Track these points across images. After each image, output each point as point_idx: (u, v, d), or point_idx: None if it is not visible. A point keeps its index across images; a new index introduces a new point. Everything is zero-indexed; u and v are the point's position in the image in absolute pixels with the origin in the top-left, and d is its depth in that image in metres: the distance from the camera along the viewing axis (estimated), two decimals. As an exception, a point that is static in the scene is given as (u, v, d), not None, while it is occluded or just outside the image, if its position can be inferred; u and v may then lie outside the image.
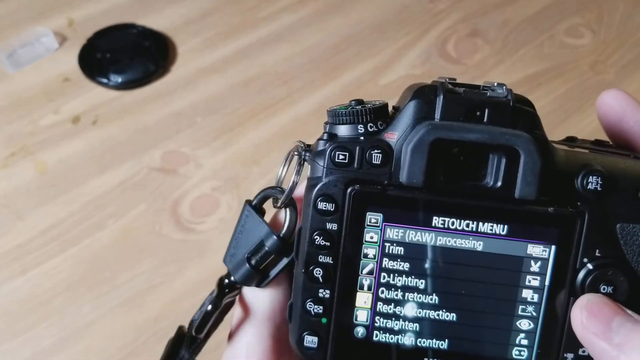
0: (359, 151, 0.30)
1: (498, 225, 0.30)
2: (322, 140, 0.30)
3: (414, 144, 0.29)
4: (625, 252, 0.30)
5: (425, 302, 0.31)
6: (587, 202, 0.30)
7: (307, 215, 0.30)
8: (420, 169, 0.29)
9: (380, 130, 0.30)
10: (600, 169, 0.30)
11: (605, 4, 0.91)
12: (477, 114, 0.29)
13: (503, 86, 0.30)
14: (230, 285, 0.33)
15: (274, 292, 0.33)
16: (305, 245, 0.30)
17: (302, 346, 0.31)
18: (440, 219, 0.30)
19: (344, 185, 0.30)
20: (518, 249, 0.30)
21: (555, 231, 0.30)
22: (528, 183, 0.29)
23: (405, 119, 0.30)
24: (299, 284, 0.31)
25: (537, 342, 0.31)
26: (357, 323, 0.31)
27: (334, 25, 0.87)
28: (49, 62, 0.82)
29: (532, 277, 0.30)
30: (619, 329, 0.27)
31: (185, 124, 0.76)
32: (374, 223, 0.30)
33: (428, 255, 0.30)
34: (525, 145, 0.29)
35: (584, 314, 0.29)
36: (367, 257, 0.30)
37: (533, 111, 0.30)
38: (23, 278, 0.64)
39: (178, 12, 0.88)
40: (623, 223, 0.30)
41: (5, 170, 0.72)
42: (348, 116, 0.30)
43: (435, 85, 0.30)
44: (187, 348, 0.34)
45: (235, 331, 0.33)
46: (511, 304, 0.30)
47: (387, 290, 0.31)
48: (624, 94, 0.34)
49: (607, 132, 0.35)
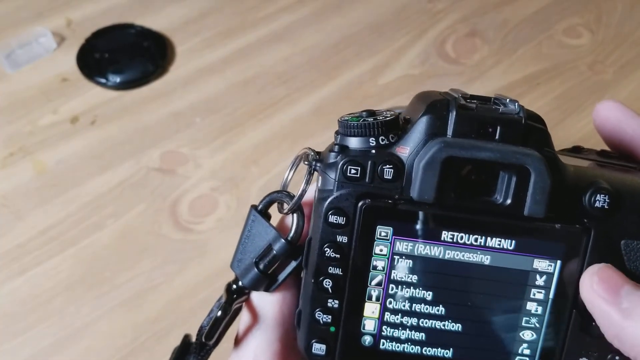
0: (371, 166, 0.30)
1: (506, 241, 0.30)
2: (333, 152, 0.30)
3: (426, 162, 0.29)
4: (629, 267, 0.30)
5: (432, 312, 0.31)
6: (593, 219, 0.30)
7: (318, 227, 0.30)
8: (432, 186, 0.29)
9: (392, 144, 0.30)
10: (607, 187, 0.30)
11: (604, 4, 0.91)
12: (489, 131, 0.30)
13: (515, 102, 0.30)
14: (238, 291, 0.33)
15: (283, 297, 0.33)
16: (315, 257, 0.31)
17: (311, 353, 0.31)
18: (450, 233, 0.30)
19: (355, 199, 0.30)
20: (524, 263, 0.30)
21: (562, 247, 0.30)
22: (537, 202, 0.29)
23: (417, 134, 0.30)
24: (308, 293, 0.31)
25: (539, 352, 0.31)
26: (364, 332, 0.31)
27: (333, 25, 0.87)
28: (48, 62, 0.82)
29: (537, 290, 0.31)
30: (628, 295, 0.28)
31: (184, 124, 0.76)
32: (384, 236, 0.30)
33: (436, 268, 0.31)
34: (536, 164, 0.29)
35: (594, 279, 0.29)
36: (376, 269, 0.31)
37: (544, 128, 0.30)
38: (22, 278, 0.64)
39: (177, 12, 0.88)
40: (627, 240, 0.30)
41: (4, 170, 0.72)
42: (360, 129, 0.30)
43: (448, 99, 0.30)
44: (197, 355, 0.34)
45: (243, 336, 0.33)
46: (515, 316, 0.31)
47: (394, 301, 0.31)
48: (617, 104, 0.35)
49: (607, 142, 0.35)
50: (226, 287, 0.34)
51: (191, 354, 0.34)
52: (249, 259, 0.33)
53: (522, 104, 0.30)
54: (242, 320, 0.34)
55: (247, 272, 0.33)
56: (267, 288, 0.33)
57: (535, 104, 0.78)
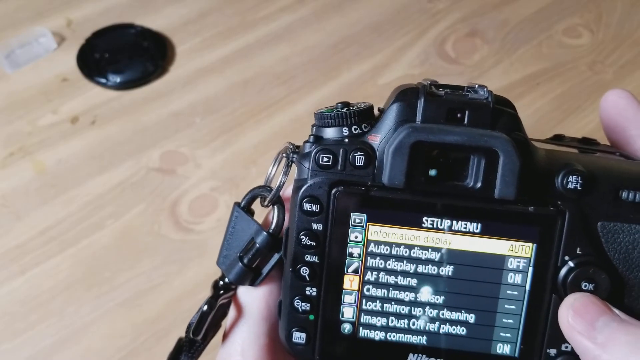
0: (343, 153, 0.30)
1: (478, 225, 0.30)
2: (308, 142, 0.31)
3: (394, 147, 0.30)
4: (607, 250, 0.30)
5: (408, 299, 0.31)
6: (567, 201, 0.30)
7: (294, 215, 0.31)
8: (401, 171, 0.30)
9: (365, 133, 0.31)
10: (580, 169, 0.30)
11: (604, 4, 0.91)
12: (458, 116, 0.30)
13: (484, 88, 0.31)
14: (225, 287, 0.34)
15: (268, 291, 0.33)
16: (293, 245, 0.31)
17: (291, 342, 0.32)
18: (423, 218, 0.30)
19: (328, 186, 0.31)
20: (499, 247, 0.31)
21: (536, 230, 0.30)
22: (507, 183, 0.29)
23: (388, 122, 0.30)
24: (287, 282, 0.31)
25: (519, 338, 0.31)
26: (343, 320, 0.32)
27: (333, 25, 0.87)
28: (48, 62, 0.82)
29: (514, 274, 0.31)
30: (603, 328, 0.28)
31: (184, 124, 0.76)
32: (358, 223, 0.31)
33: (410, 254, 0.31)
34: (504, 146, 0.29)
35: (570, 313, 0.29)
36: (352, 256, 0.31)
37: (513, 112, 0.30)
38: (22, 278, 0.64)
39: (177, 12, 0.88)
40: (604, 221, 0.30)
41: (4, 170, 0.72)
42: (333, 119, 0.31)
43: (417, 87, 0.30)
44: (187, 352, 0.34)
45: (230, 330, 0.33)
46: (494, 301, 0.31)
47: (371, 288, 0.31)
48: (627, 93, 0.35)
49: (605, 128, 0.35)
50: (213, 283, 0.34)
51: (182, 353, 0.35)
52: (233, 255, 0.34)
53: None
54: (229, 315, 0.34)
55: (232, 267, 0.33)
56: (253, 282, 0.33)
57: (535, 104, 0.78)
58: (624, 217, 0.30)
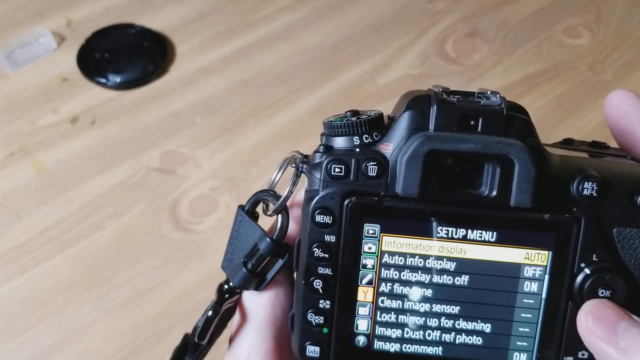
0: (355, 163, 0.30)
1: (494, 233, 0.30)
2: (318, 152, 0.31)
3: (408, 156, 0.29)
4: (623, 256, 0.30)
5: (424, 310, 0.31)
6: (583, 207, 0.30)
7: (306, 227, 0.30)
8: (415, 180, 0.29)
9: (376, 142, 0.30)
10: (595, 175, 0.30)
11: (604, 4, 0.91)
12: (471, 123, 0.29)
13: (497, 94, 0.30)
14: (229, 291, 0.33)
15: (273, 295, 0.33)
16: (305, 257, 0.31)
17: (305, 356, 0.31)
18: (438, 227, 0.30)
19: (340, 197, 0.30)
20: (515, 255, 0.30)
21: (552, 237, 0.30)
22: (522, 191, 0.29)
23: (400, 130, 0.30)
24: (300, 295, 0.31)
25: (536, 346, 0.31)
26: (357, 332, 0.31)
27: (333, 25, 0.87)
28: (48, 62, 0.82)
29: (530, 282, 0.30)
30: (624, 333, 0.28)
31: (184, 124, 0.76)
32: (372, 234, 0.30)
33: (425, 264, 0.30)
34: (519, 153, 0.29)
35: (589, 319, 0.29)
36: (366, 267, 0.31)
37: (527, 118, 0.30)
38: (22, 278, 0.64)
39: (177, 12, 0.88)
40: (619, 227, 0.30)
41: (4, 170, 0.72)
42: (343, 128, 0.30)
43: (429, 94, 0.30)
44: (191, 355, 0.34)
45: (236, 335, 0.33)
46: (510, 310, 0.31)
47: (386, 300, 0.31)
48: (631, 93, 0.34)
49: (612, 130, 0.35)
50: (217, 287, 0.34)
51: (187, 355, 0.35)
52: (237, 259, 0.33)
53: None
54: (235, 320, 0.34)
55: (237, 272, 0.33)
56: (257, 287, 0.33)
57: (535, 104, 0.78)
58: (639, 223, 0.30)
